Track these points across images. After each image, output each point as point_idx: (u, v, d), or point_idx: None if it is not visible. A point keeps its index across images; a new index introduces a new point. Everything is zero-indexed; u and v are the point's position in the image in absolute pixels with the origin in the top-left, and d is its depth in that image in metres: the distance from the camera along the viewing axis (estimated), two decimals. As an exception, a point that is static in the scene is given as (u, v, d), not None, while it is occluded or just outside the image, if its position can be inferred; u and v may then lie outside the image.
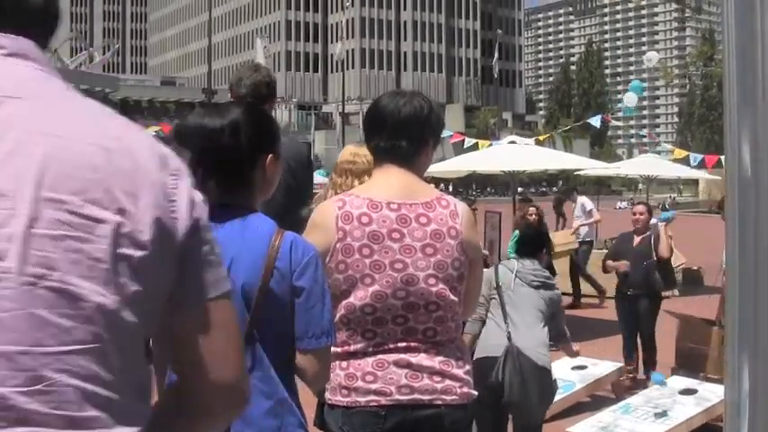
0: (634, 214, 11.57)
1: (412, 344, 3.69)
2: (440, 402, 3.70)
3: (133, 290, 1.53)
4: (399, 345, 3.70)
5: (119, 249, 1.51)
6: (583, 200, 20.01)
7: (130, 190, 1.53)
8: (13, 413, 1.41)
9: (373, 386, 3.65)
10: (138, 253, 1.54)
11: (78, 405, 1.46)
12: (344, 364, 3.65)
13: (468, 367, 3.85)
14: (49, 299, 1.44)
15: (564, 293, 10.88)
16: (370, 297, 3.64)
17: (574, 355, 7.62)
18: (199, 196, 1.71)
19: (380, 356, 3.68)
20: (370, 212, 3.67)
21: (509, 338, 6.48)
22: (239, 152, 3.08)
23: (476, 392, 3.88)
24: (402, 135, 3.80)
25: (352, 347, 3.68)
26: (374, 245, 3.65)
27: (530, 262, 6.94)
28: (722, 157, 4.19)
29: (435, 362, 3.71)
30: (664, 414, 8.93)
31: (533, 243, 7.28)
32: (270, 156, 3.17)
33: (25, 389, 1.42)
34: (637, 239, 11.33)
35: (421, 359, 3.69)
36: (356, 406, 3.66)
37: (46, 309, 1.44)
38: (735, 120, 1.36)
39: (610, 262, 11.58)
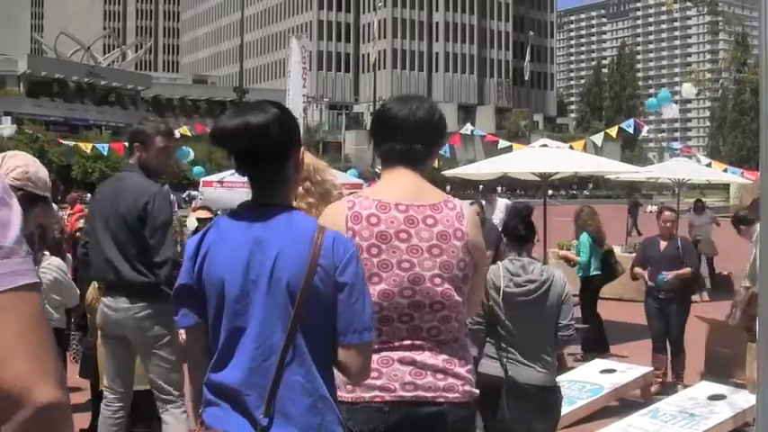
0: (664, 222, 11.45)
1: (416, 342, 3.79)
2: (442, 400, 3.80)
3: None
4: (404, 342, 3.78)
5: None
6: (506, 201, 19.66)
7: None
8: None
9: (378, 382, 3.71)
10: None
11: None
12: None
13: (470, 366, 3.95)
14: None
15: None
16: (377, 295, 3.70)
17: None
18: None
19: (385, 354, 3.76)
20: (379, 213, 3.79)
21: (505, 371, 6.10)
22: (281, 146, 3.17)
23: (477, 391, 3.96)
24: (417, 138, 3.92)
25: None
26: (382, 244, 3.75)
27: (519, 265, 6.27)
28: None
29: (439, 360, 3.82)
30: (692, 419, 8.92)
31: (522, 229, 6.49)
32: (301, 147, 3.30)
33: None
34: (664, 244, 11.29)
35: (425, 357, 3.79)
36: (360, 402, 3.73)
37: None
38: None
39: (638, 269, 11.54)
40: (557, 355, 6.36)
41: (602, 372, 10.54)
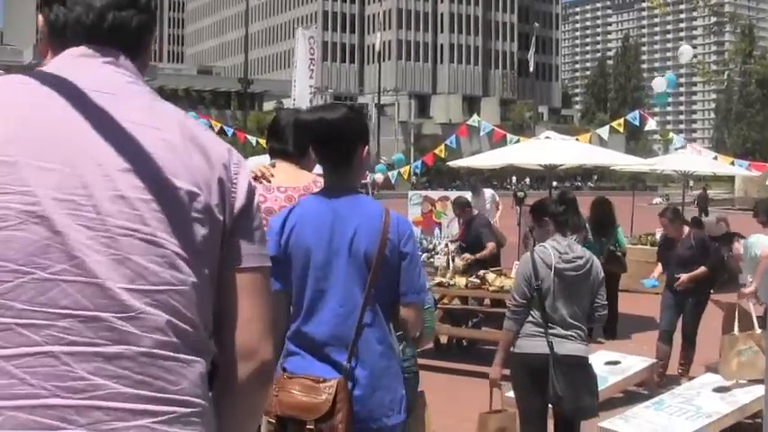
0: (662, 225, 11.73)
1: None
2: None
3: (204, 247, 1.92)
4: None
5: (193, 214, 1.90)
6: (491, 192, 19.52)
7: (203, 174, 1.93)
8: (114, 334, 1.77)
9: None
10: (208, 217, 1.92)
11: (163, 331, 1.83)
12: None
13: None
14: (142, 247, 1.82)
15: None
16: None
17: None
18: (252, 183, 2.08)
19: None
20: (265, 194, 4.52)
21: (551, 347, 6.38)
22: (350, 139, 3.96)
23: None
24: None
25: None
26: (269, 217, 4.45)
27: (565, 245, 6.62)
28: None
29: None
30: (696, 410, 8.91)
31: (565, 213, 6.91)
32: (366, 146, 4.04)
33: (120, 315, 1.78)
34: (678, 245, 11.32)
35: None
36: None
37: (140, 255, 1.83)
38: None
39: (658, 266, 11.62)
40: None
41: (607, 363, 10.53)
